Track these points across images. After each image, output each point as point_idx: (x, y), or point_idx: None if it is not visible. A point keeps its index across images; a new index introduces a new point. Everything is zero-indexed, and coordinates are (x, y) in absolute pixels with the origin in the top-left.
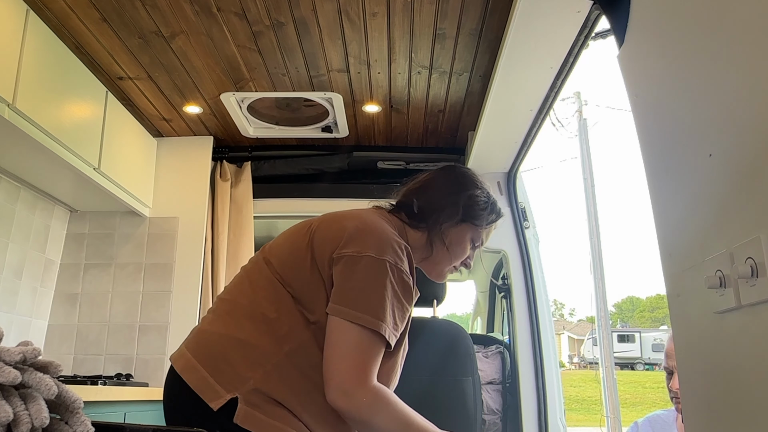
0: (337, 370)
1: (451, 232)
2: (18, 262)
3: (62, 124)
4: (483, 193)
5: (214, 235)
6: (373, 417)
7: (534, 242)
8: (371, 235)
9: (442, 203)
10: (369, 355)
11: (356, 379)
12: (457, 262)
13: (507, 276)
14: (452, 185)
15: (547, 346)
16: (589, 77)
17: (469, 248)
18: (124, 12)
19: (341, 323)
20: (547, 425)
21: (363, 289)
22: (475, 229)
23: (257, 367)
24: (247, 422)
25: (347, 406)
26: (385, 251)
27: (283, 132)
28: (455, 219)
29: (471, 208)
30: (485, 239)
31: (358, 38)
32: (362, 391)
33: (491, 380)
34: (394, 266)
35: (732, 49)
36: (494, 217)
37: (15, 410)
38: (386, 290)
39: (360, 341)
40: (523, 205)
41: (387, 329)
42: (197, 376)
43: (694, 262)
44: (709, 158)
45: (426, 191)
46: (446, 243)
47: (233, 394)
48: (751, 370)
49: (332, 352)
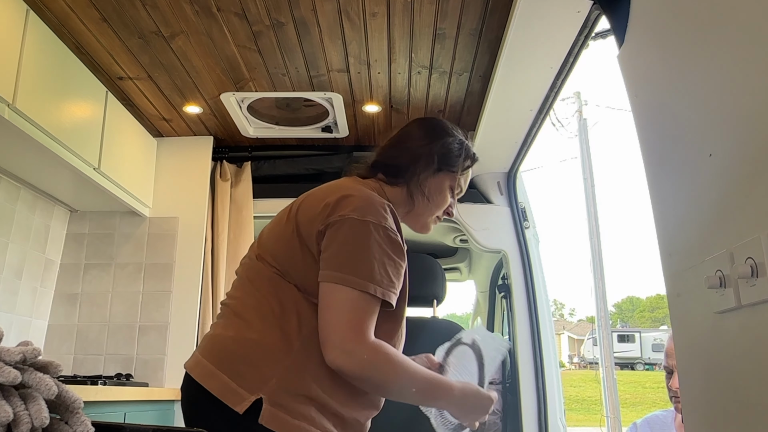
0: (334, 330)
1: (430, 182)
2: (18, 262)
3: (62, 124)
4: (456, 139)
5: (214, 235)
6: (376, 372)
7: (534, 242)
8: (351, 200)
9: (417, 154)
10: (363, 314)
11: (354, 337)
12: (439, 212)
13: (507, 276)
14: (424, 136)
15: (547, 346)
16: (589, 77)
17: (450, 196)
18: (124, 12)
19: (331, 287)
20: (547, 425)
21: (348, 251)
22: (453, 176)
23: (276, 365)
24: (272, 422)
25: (348, 364)
26: (367, 212)
27: (283, 132)
28: (432, 168)
29: (446, 156)
30: (464, 186)
31: (358, 38)
32: (361, 348)
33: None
34: (377, 225)
35: (732, 49)
36: (470, 162)
37: (15, 410)
38: (372, 250)
39: (352, 301)
40: (523, 205)
41: (377, 288)
42: (218, 382)
43: (694, 262)
44: (709, 158)
45: (399, 146)
46: (426, 193)
47: (257, 395)
48: (751, 370)
49: (326, 315)
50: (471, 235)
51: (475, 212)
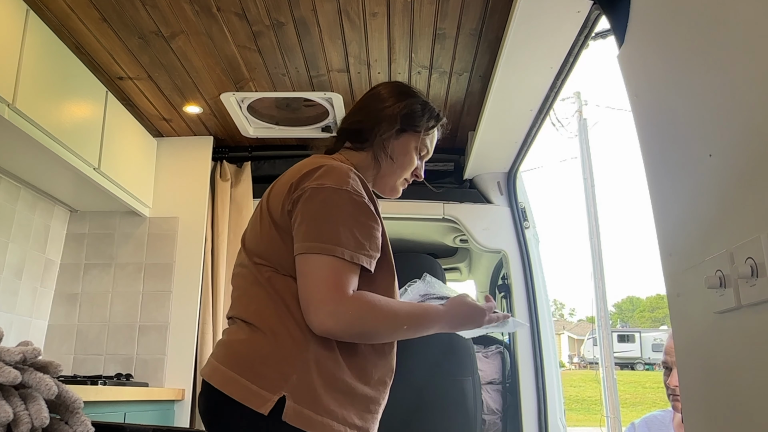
0: (312, 296)
1: (394, 144)
2: (18, 262)
3: (62, 124)
4: (418, 100)
5: (214, 235)
6: (364, 323)
7: (534, 242)
8: (311, 173)
9: (379, 117)
10: (338, 275)
11: (333, 296)
12: (406, 174)
13: (507, 276)
14: (386, 98)
15: (547, 346)
16: (589, 77)
17: (416, 158)
18: (124, 12)
19: (303, 258)
20: (547, 425)
21: (313, 220)
22: (417, 137)
23: (295, 360)
24: (297, 420)
25: (335, 324)
26: (326, 180)
27: (283, 132)
28: (394, 128)
29: (408, 116)
30: (430, 147)
31: (358, 38)
32: (343, 305)
33: (491, 380)
34: (338, 189)
35: (732, 49)
36: (434, 122)
37: (15, 410)
38: (335, 215)
39: (325, 266)
40: (523, 205)
41: (345, 251)
42: (239, 386)
43: (694, 262)
44: (709, 158)
45: (362, 111)
46: (391, 155)
47: (280, 394)
48: (751, 370)
49: (302, 284)
50: (471, 235)
51: (475, 212)
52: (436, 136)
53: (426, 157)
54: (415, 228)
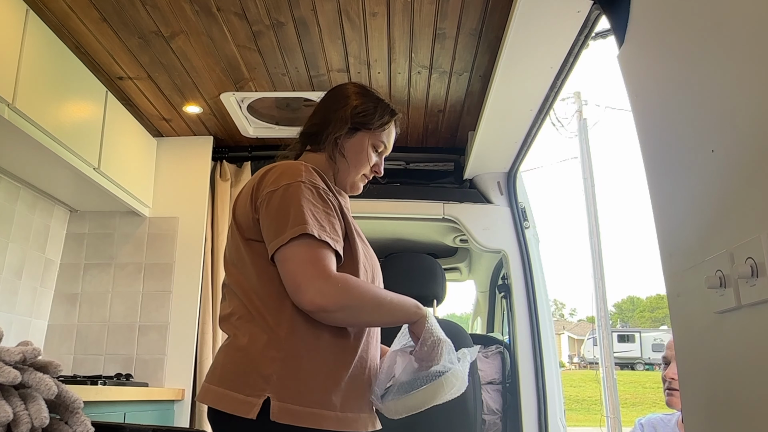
0: (301, 278)
1: (348, 143)
2: (18, 262)
3: (62, 124)
4: (370, 98)
5: (214, 235)
6: (351, 298)
7: (534, 242)
8: (267, 177)
9: (331, 118)
10: (317, 253)
11: (320, 276)
12: (365, 170)
13: (507, 276)
14: (339, 99)
15: (547, 346)
16: (589, 77)
17: (374, 155)
18: (124, 12)
19: (280, 252)
20: (547, 425)
21: (276, 216)
22: (372, 134)
23: (272, 361)
24: (284, 417)
25: (325, 300)
26: (280, 179)
27: (283, 132)
28: (345, 128)
29: (359, 115)
30: (387, 143)
31: (358, 38)
32: (331, 282)
33: (491, 380)
34: (291, 184)
35: (732, 48)
36: (387, 119)
37: (15, 410)
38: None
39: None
40: (523, 205)
41: (314, 229)
42: (228, 399)
43: (694, 262)
44: (711, 154)
45: (316, 114)
46: (345, 154)
47: (264, 397)
48: (751, 370)
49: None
50: (471, 235)
51: (475, 212)
52: (393, 131)
53: (385, 153)
54: (415, 228)
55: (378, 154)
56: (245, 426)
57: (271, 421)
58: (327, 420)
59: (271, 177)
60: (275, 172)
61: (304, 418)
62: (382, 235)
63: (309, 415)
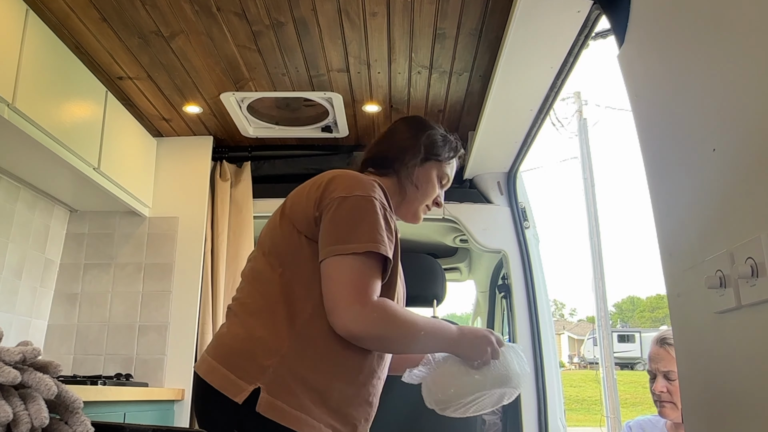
0: (341, 297)
1: (418, 171)
2: (18, 262)
3: (62, 124)
4: (439, 131)
5: (214, 235)
6: (386, 327)
7: (534, 242)
8: (339, 180)
9: (404, 146)
10: (364, 276)
11: (359, 299)
12: (428, 201)
13: (507, 276)
14: (410, 129)
15: (547, 346)
16: (589, 77)
17: (438, 186)
18: (124, 12)
19: (329, 261)
20: (547, 425)
21: (353, 222)
22: (439, 165)
23: (273, 355)
24: (270, 411)
25: (359, 328)
26: (354, 189)
27: (283, 132)
28: (419, 157)
29: (431, 146)
30: (450, 175)
31: (358, 38)
32: (369, 308)
33: None
34: (365, 197)
35: (732, 47)
36: (454, 153)
37: (15, 410)
38: (364, 219)
39: (351, 267)
40: (523, 205)
41: (382, 247)
42: (219, 375)
43: (694, 262)
44: (712, 153)
45: (387, 141)
46: (415, 182)
47: (255, 385)
48: (751, 370)
49: (329, 286)
50: (471, 235)
51: (475, 212)
52: (455, 165)
53: (446, 186)
54: (415, 228)
55: (441, 186)
56: (228, 407)
57: (255, 411)
58: (310, 428)
59: (343, 183)
60: (347, 179)
61: (288, 419)
62: None
63: (294, 417)
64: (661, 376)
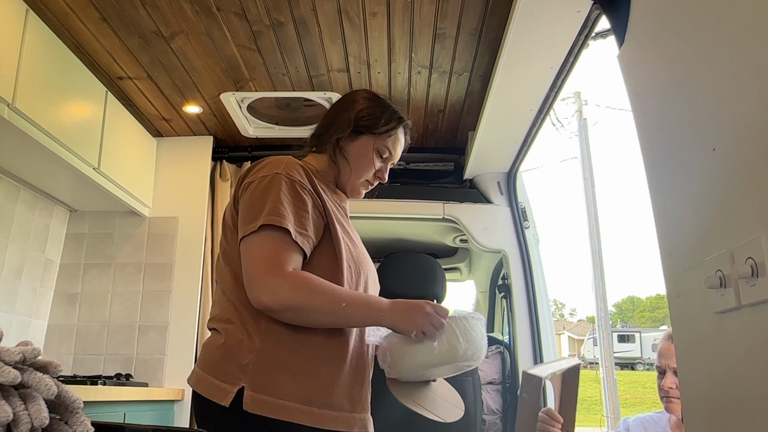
0: (253, 274)
1: (351, 146)
2: (18, 262)
3: (62, 124)
4: (379, 104)
5: (213, 235)
6: (299, 298)
7: (534, 242)
8: (261, 164)
9: (335, 121)
10: (277, 251)
11: (271, 273)
12: (367, 176)
13: (507, 276)
14: (347, 104)
15: (547, 346)
16: (589, 77)
17: (377, 160)
18: (124, 12)
19: (244, 242)
20: None
21: (256, 202)
22: (377, 139)
23: (250, 351)
24: (257, 407)
25: (272, 299)
26: (275, 168)
27: (283, 132)
28: (347, 130)
29: (365, 119)
30: (393, 150)
31: (358, 38)
32: (281, 280)
33: (491, 380)
34: (271, 175)
35: (732, 47)
36: (393, 125)
37: (15, 410)
38: (267, 195)
39: (261, 244)
40: (523, 205)
41: (281, 219)
42: (206, 383)
43: (694, 262)
44: (712, 152)
45: (325, 117)
46: (347, 157)
47: (239, 386)
48: (751, 370)
49: (245, 262)
50: (471, 235)
51: (475, 212)
52: (401, 139)
53: (390, 160)
54: (415, 228)
55: (383, 161)
56: (219, 412)
57: (244, 410)
58: (300, 414)
59: (254, 168)
60: (258, 165)
61: (276, 410)
62: (382, 235)
63: (281, 407)
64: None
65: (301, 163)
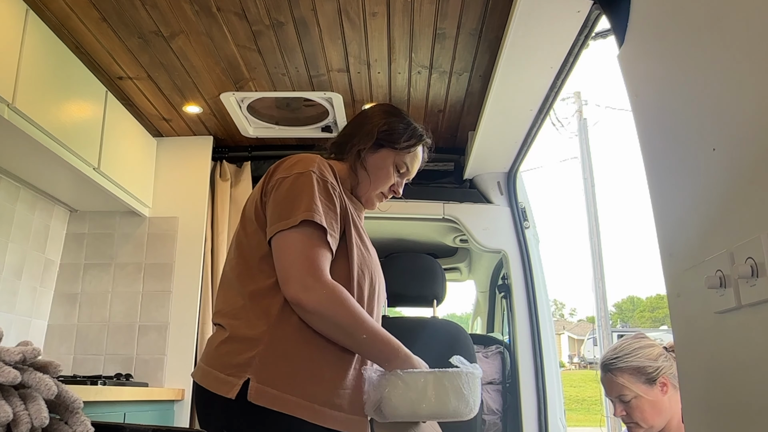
0: (293, 269)
1: (371, 158)
2: (18, 262)
3: (62, 124)
4: (402, 120)
5: (213, 235)
6: (332, 310)
7: (534, 242)
8: (292, 160)
9: (358, 131)
10: (316, 250)
11: (312, 274)
12: (383, 188)
13: (507, 276)
14: (371, 116)
15: (547, 346)
16: (589, 77)
17: (394, 174)
18: (124, 12)
19: (277, 237)
20: (547, 425)
21: (291, 198)
22: (396, 154)
23: (257, 345)
24: (261, 398)
25: (307, 299)
26: (293, 168)
27: (283, 132)
28: (370, 143)
29: (387, 133)
30: (410, 165)
31: (358, 38)
32: (320, 285)
33: (491, 380)
34: (303, 173)
35: (732, 47)
36: (414, 142)
37: (15, 410)
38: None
39: (304, 239)
40: (523, 205)
41: (316, 216)
42: (212, 377)
43: (694, 262)
44: (712, 152)
45: (348, 126)
46: (366, 167)
47: (244, 378)
48: (751, 370)
49: (282, 261)
50: (471, 235)
51: (475, 212)
52: (420, 156)
53: (406, 176)
54: (415, 228)
55: (400, 175)
56: (224, 405)
57: (249, 402)
58: (302, 409)
59: (285, 165)
60: (290, 161)
61: (279, 403)
62: (382, 235)
63: (285, 401)
64: (617, 402)
65: (330, 164)
